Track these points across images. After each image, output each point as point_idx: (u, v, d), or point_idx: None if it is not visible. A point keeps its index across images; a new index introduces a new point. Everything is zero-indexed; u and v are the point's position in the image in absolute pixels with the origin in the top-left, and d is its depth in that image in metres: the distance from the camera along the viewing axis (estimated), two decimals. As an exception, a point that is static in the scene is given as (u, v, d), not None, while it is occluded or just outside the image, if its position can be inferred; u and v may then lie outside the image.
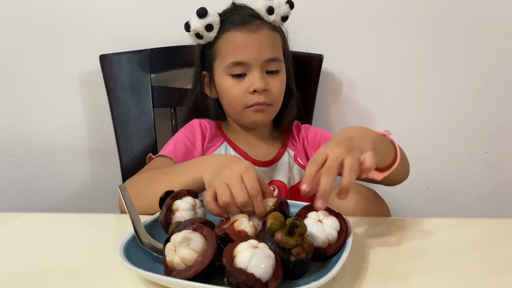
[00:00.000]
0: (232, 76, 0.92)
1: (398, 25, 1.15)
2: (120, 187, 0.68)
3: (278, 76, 0.94)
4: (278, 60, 0.93)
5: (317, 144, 0.99)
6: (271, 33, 0.93)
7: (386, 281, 0.56)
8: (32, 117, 1.17)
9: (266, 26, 0.92)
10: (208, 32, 0.91)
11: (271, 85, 0.92)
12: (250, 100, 0.92)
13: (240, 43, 0.91)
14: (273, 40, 0.93)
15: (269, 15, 0.92)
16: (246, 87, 0.91)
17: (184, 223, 0.58)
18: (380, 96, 1.19)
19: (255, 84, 0.90)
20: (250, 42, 0.90)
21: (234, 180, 0.62)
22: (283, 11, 0.92)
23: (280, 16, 0.93)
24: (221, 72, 0.93)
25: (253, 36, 0.91)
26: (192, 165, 0.78)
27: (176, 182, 0.74)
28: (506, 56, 1.17)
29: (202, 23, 0.90)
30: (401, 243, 0.67)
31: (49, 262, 0.61)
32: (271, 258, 0.50)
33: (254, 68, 0.91)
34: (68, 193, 1.23)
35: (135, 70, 1.08)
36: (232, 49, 0.91)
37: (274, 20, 0.93)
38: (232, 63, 0.91)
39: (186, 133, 0.97)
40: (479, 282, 0.56)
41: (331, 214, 0.61)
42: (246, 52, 0.90)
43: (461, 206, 1.27)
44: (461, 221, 0.76)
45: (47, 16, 1.11)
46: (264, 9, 0.92)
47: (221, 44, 0.93)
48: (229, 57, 0.91)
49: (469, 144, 1.23)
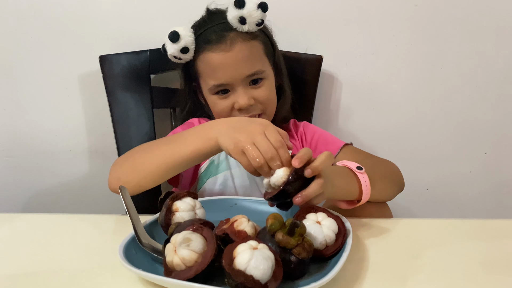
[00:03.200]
0: (217, 94, 0.92)
1: (397, 26, 1.15)
2: (120, 187, 0.68)
3: (264, 85, 0.93)
4: (259, 72, 0.92)
5: (315, 142, 0.98)
6: (246, 44, 0.90)
7: (386, 281, 0.56)
8: (32, 117, 1.17)
9: (241, 39, 0.90)
10: (185, 54, 0.91)
11: (257, 96, 0.91)
12: (237, 114, 0.92)
13: (216, 65, 0.90)
14: (249, 52, 0.91)
15: (242, 25, 0.89)
16: (231, 103, 0.91)
17: (184, 224, 0.58)
18: (379, 96, 1.19)
19: (238, 101, 0.90)
20: (226, 62, 0.89)
21: (258, 138, 0.64)
22: (256, 19, 0.89)
23: (254, 24, 0.90)
24: (206, 92, 0.94)
25: (228, 55, 0.89)
26: (198, 132, 0.75)
27: (182, 151, 0.72)
28: (505, 57, 1.17)
29: (176, 47, 0.90)
30: (400, 243, 0.67)
31: (48, 263, 0.61)
32: (271, 259, 0.50)
33: (236, 85, 0.90)
34: (67, 194, 1.23)
35: (134, 70, 1.08)
36: (210, 71, 0.91)
37: (248, 29, 0.90)
38: (214, 86, 0.91)
39: (184, 128, 0.96)
40: (478, 282, 0.57)
41: (330, 216, 0.61)
42: (224, 73, 0.90)
43: (461, 207, 1.28)
44: (461, 221, 0.76)
45: (47, 17, 1.11)
46: (235, 20, 0.89)
47: (200, 66, 0.93)
48: (209, 79, 0.91)
49: (468, 145, 1.23)
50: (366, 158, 0.91)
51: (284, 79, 1.00)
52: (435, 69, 1.18)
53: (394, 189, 0.84)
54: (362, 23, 1.14)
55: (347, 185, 0.71)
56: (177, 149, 0.74)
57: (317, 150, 0.97)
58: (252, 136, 0.65)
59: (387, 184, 0.82)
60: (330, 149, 0.94)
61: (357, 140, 1.21)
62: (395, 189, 0.85)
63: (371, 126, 1.21)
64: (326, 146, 0.96)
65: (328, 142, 0.97)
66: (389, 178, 0.84)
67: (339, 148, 0.94)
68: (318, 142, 0.98)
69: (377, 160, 0.89)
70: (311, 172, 0.61)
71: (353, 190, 0.72)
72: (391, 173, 0.86)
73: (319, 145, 0.97)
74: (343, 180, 0.71)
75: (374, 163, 0.86)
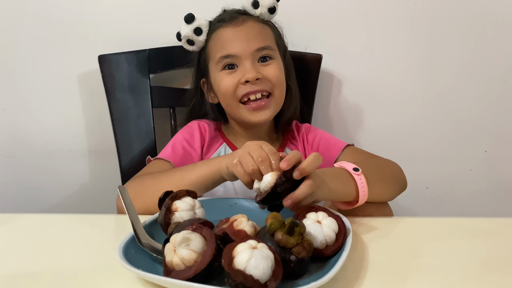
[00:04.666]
0: (223, 69, 0.91)
1: (397, 24, 1.15)
2: (120, 188, 0.68)
3: (273, 64, 0.92)
4: (270, 48, 0.92)
5: (317, 144, 0.98)
6: (258, 24, 0.93)
7: (386, 280, 0.56)
8: (31, 117, 1.17)
9: (253, 19, 0.93)
10: (198, 36, 0.93)
11: (265, 73, 0.90)
12: (242, 90, 0.89)
13: (227, 38, 0.91)
14: (261, 30, 0.93)
15: (255, 9, 0.93)
16: (238, 78, 0.90)
17: (184, 224, 0.58)
18: (379, 95, 1.19)
19: (246, 74, 0.88)
20: (237, 35, 0.91)
21: (253, 147, 0.68)
22: (269, 3, 0.92)
23: (267, 8, 0.93)
24: (214, 71, 0.93)
25: (239, 28, 0.91)
26: (208, 161, 0.79)
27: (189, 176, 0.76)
28: (505, 55, 1.17)
29: (191, 27, 0.92)
30: (400, 242, 0.67)
31: (48, 263, 0.61)
32: (270, 258, 0.50)
33: (245, 59, 0.90)
34: (67, 194, 1.23)
35: (134, 70, 1.08)
36: (220, 45, 0.92)
37: (261, 13, 0.93)
38: (221, 57, 0.91)
39: (184, 135, 0.96)
40: (478, 282, 0.56)
41: (330, 215, 0.61)
42: (233, 45, 0.90)
43: (461, 205, 1.27)
44: (460, 220, 0.76)
45: (46, 17, 1.11)
46: (249, 4, 0.93)
47: (211, 44, 0.94)
48: (217, 53, 0.92)
49: (468, 143, 1.23)
50: (367, 158, 0.91)
51: (292, 81, 0.99)
52: (434, 67, 1.18)
53: (394, 190, 0.84)
54: (362, 21, 1.14)
55: (343, 187, 0.72)
56: (185, 175, 0.77)
57: (319, 152, 0.96)
58: (249, 149, 0.68)
59: (387, 184, 0.82)
60: (332, 151, 0.95)
61: (356, 138, 1.21)
62: (396, 190, 0.84)
63: (371, 125, 1.21)
64: (327, 148, 0.96)
65: (330, 144, 0.97)
66: (389, 178, 0.84)
67: (341, 149, 0.94)
68: (320, 144, 0.98)
69: (377, 161, 0.89)
70: (299, 174, 0.63)
71: (350, 192, 0.72)
72: (391, 173, 0.86)
73: (321, 147, 0.97)
74: (339, 181, 0.72)
75: (374, 164, 0.86)
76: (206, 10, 0.95)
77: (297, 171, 0.63)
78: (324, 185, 0.68)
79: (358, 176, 0.72)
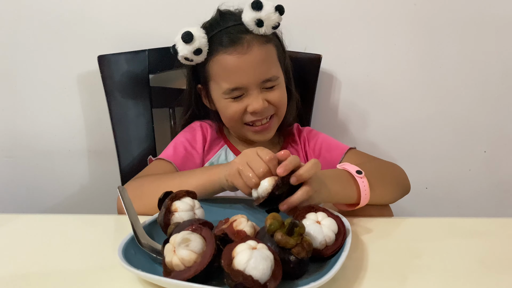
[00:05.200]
0: (229, 98, 0.89)
1: (396, 24, 1.14)
2: (119, 188, 0.68)
3: (277, 88, 0.91)
4: (274, 78, 0.90)
5: (318, 148, 0.98)
6: (263, 48, 0.88)
7: (386, 280, 0.56)
8: (31, 117, 1.17)
9: (257, 42, 0.87)
10: (197, 56, 0.88)
11: (270, 99, 0.90)
12: (249, 118, 0.90)
13: (232, 68, 0.87)
14: (266, 56, 0.89)
15: (259, 28, 0.87)
16: (245, 106, 0.89)
17: (183, 224, 0.58)
18: (378, 95, 1.19)
19: (253, 105, 0.88)
20: (243, 65, 0.86)
21: (251, 157, 0.67)
22: (273, 22, 0.87)
23: (271, 27, 0.88)
24: (219, 95, 0.91)
25: (245, 57, 0.86)
26: (206, 169, 0.79)
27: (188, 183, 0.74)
28: (504, 55, 1.17)
29: (190, 49, 0.86)
30: (400, 242, 0.67)
31: (47, 264, 0.61)
32: (270, 259, 0.50)
33: (251, 89, 0.88)
34: (66, 194, 1.22)
35: (133, 70, 1.08)
36: (225, 74, 0.88)
37: (265, 31, 0.87)
38: (229, 90, 0.88)
39: (186, 135, 0.96)
40: (478, 281, 0.57)
41: (330, 216, 0.61)
42: (240, 77, 0.87)
43: (460, 205, 1.28)
44: (460, 220, 0.76)
45: (45, 17, 1.11)
46: (252, 23, 0.87)
47: (213, 68, 0.89)
48: (224, 83, 0.88)
49: (467, 143, 1.23)
50: (369, 161, 0.90)
51: (291, 83, 0.99)
52: (434, 67, 1.18)
53: (397, 193, 0.84)
54: (361, 22, 1.14)
55: (344, 189, 0.72)
56: (184, 181, 0.76)
57: (321, 156, 0.97)
58: (247, 159, 0.67)
59: (389, 187, 0.81)
60: (334, 155, 0.94)
61: (356, 139, 1.21)
62: (398, 193, 0.84)
63: (370, 125, 1.21)
64: (329, 151, 0.96)
65: (332, 148, 0.96)
66: (392, 181, 0.83)
67: (344, 153, 0.93)
68: (322, 147, 0.97)
69: (380, 163, 0.89)
70: (296, 180, 0.63)
71: (351, 194, 0.72)
72: (394, 176, 0.86)
73: (323, 151, 0.97)
74: (340, 184, 0.72)
75: (377, 166, 0.86)
76: (206, 10, 0.95)
77: (294, 177, 0.63)
78: (324, 188, 0.68)
79: (361, 179, 0.72)
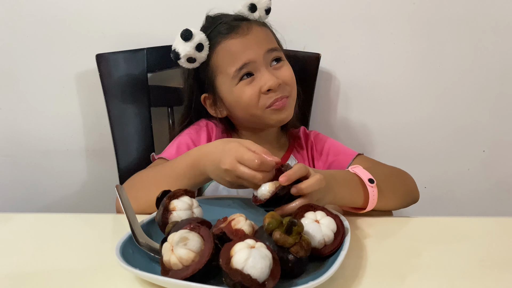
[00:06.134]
0: (241, 80, 0.88)
1: (395, 24, 1.14)
2: (117, 187, 0.68)
3: (284, 65, 0.91)
4: (278, 49, 0.91)
5: (326, 153, 0.97)
6: (261, 28, 0.91)
7: (384, 279, 0.56)
8: (29, 117, 1.17)
9: (255, 24, 0.90)
10: (200, 52, 0.87)
11: (281, 76, 0.89)
12: (267, 100, 0.88)
13: (237, 49, 0.87)
14: (266, 34, 0.91)
15: (252, 13, 0.91)
16: (259, 88, 0.87)
17: (181, 223, 0.58)
18: (377, 95, 1.19)
19: (267, 82, 0.86)
20: (247, 43, 0.87)
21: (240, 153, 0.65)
22: (265, 4, 0.91)
23: (264, 10, 0.91)
24: (229, 85, 0.89)
25: (247, 37, 0.88)
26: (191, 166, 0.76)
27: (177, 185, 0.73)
28: (503, 55, 1.17)
29: (191, 45, 0.86)
30: (399, 242, 0.67)
31: (45, 263, 0.61)
32: (268, 258, 0.50)
33: (260, 65, 0.87)
34: (65, 193, 1.22)
35: (132, 69, 1.08)
36: (231, 57, 0.87)
37: (259, 16, 0.91)
38: (237, 70, 0.87)
39: (191, 134, 0.94)
40: (477, 281, 0.56)
41: (329, 215, 0.61)
42: (245, 53, 0.87)
43: (459, 205, 1.28)
44: (459, 219, 0.76)
45: (43, 16, 1.10)
46: (246, 8, 0.91)
47: (217, 59, 0.89)
48: (231, 67, 0.87)
49: (466, 142, 1.23)
50: (379, 168, 0.88)
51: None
52: (433, 67, 1.18)
53: (405, 202, 0.84)
54: (360, 21, 1.14)
55: (350, 194, 0.71)
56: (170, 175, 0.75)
57: (328, 160, 0.96)
58: (235, 154, 0.66)
59: (398, 197, 0.81)
60: (341, 160, 0.94)
61: (354, 138, 1.21)
62: (406, 202, 0.84)
63: (369, 124, 1.21)
64: (337, 156, 0.95)
65: (339, 152, 0.96)
66: (401, 191, 0.83)
67: (352, 159, 0.93)
68: (329, 152, 0.97)
69: (392, 171, 0.88)
70: (296, 191, 0.63)
71: (358, 200, 0.72)
72: (404, 186, 0.86)
73: (330, 156, 0.96)
74: (347, 189, 0.71)
75: (387, 175, 0.85)
76: (205, 9, 0.95)
77: (294, 189, 0.63)
78: (329, 193, 0.67)
79: (372, 189, 0.72)
